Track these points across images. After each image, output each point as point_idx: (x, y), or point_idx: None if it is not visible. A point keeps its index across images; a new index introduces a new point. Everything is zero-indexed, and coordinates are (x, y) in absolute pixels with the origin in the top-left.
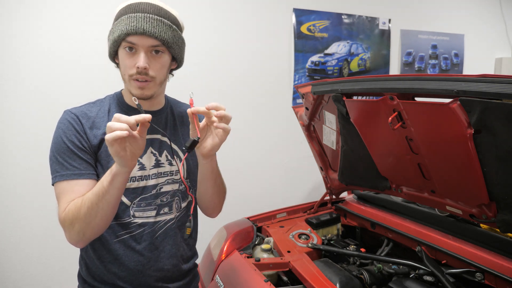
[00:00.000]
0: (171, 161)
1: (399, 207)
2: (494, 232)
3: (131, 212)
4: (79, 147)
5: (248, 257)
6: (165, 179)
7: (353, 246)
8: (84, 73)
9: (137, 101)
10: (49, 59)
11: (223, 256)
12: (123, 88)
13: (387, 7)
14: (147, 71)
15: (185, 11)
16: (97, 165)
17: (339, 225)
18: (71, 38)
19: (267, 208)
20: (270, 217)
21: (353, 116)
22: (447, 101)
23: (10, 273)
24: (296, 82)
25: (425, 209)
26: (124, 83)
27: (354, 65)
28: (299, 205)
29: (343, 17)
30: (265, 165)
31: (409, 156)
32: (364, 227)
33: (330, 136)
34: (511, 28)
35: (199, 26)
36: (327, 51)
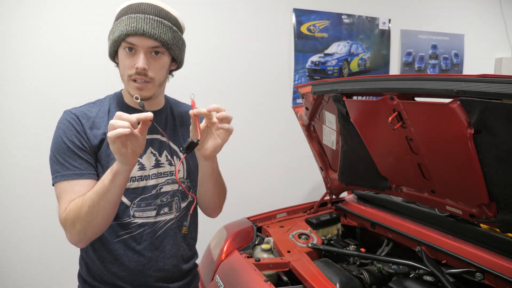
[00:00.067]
0: (171, 161)
1: (399, 207)
2: (494, 232)
3: (131, 212)
4: (79, 147)
5: (248, 257)
6: (165, 179)
7: (353, 246)
8: (84, 73)
9: (139, 100)
10: (49, 59)
11: (223, 256)
12: (123, 88)
13: (387, 7)
14: (146, 72)
15: (185, 11)
16: (97, 165)
17: (339, 225)
18: (71, 38)
19: (267, 208)
20: (270, 217)
21: (353, 116)
22: (447, 101)
23: (10, 273)
24: (296, 82)
25: (425, 209)
26: (123, 83)
27: (354, 65)
28: (299, 205)
29: (343, 17)
30: (265, 165)
31: (409, 156)
32: (364, 227)
33: (330, 136)
34: (511, 28)
35: (199, 26)
36: (327, 51)
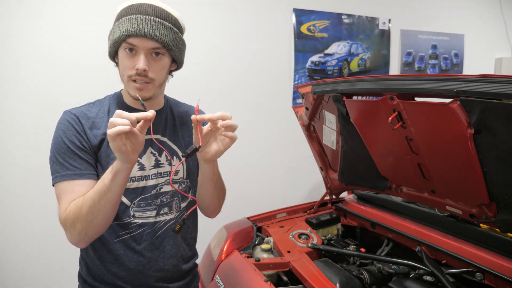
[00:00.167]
0: (170, 162)
1: (399, 207)
2: (494, 232)
3: (131, 212)
4: (79, 147)
5: (248, 257)
6: (165, 179)
7: (353, 246)
8: (84, 73)
9: (140, 99)
10: (49, 59)
11: (223, 256)
12: (122, 88)
13: (387, 7)
14: (147, 73)
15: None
16: (97, 165)
17: (339, 225)
18: (71, 38)
19: (267, 208)
20: (270, 217)
21: (353, 116)
22: (447, 101)
23: (10, 273)
24: (296, 82)
25: (425, 209)
26: (123, 83)
27: (354, 65)
28: (299, 205)
29: (343, 17)
30: (265, 165)
31: (409, 156)
32: (364, 227)
33: (330, 136)
34: (511, 28)
35: (199, 26)
36: (327, 51)
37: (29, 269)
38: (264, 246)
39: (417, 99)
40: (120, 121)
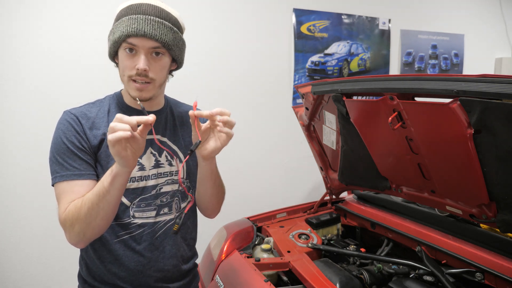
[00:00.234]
0: (170, 162)
1: (399, 207)
2: (494, 232)
3: (131, 212)
4: (79, 148)
5: (248, 257)
6: (164, 179)
7: (353, 246)
8: (84, 73)
9: (141, 103)
10: (49, 59)
11: (223, 256)
12: (122, 88)
13: (387, 7)
14: (147, 73)
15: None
16: (96, 165)
17: (339, 225)
18: (71, 38)
19: (267, 208)
20: (270, 217)
21: (353, 116)
22: (447, 101)
23: (10, 273)
24: (296, 82)
25: (425, 209)
26: (123, 83)
27: (354, 65)
28: (299, 205)
29: (343, 17)
30: (265, 165)
31: (409, 156)
32: (364, 227)
33: (330, 136)
34: (511, 28)
35: (199, 26)
36: (327, 51)
37: (29, 269)
38: (264, 246)
39: (417, 99)
40: (120, 126)
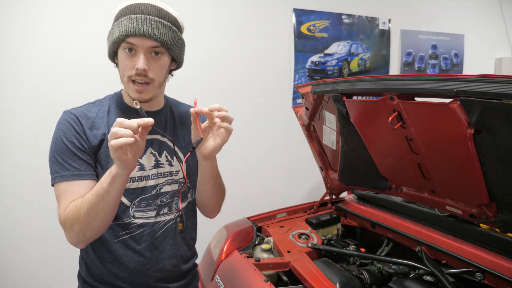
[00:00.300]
0: (171, 162)
1: (399, 207)
2: (494, 232)
3: (131, 212)
4: (79, 148)
5: (248, 257)
6: (164, 179)
7: (353, 246)
8: (84, 73)
9: (138, 105)
10: (49, 59)
11: (223, 256)
12: (122, 88)
13: (387, 7)
14: (147, 73)
15: (185, 11)
16: (96, 165)
17: (339, 225)
18: (71, 38)
19: (267, 208)
20: (270, 217)
21: (353, 116)
22: (447, 101)
23: (10, 273)
24: (296, 82)
25: (425, 209)
26: (123, 84)
27: (354, 65)
28: (299, 205)
29: (343, 17)
30: (265, 165)
31: (409, 156)
32: (364, 227)
33: (330, 136)
34: (511, 28)
35: (199, 26)
36: (327, 51)
37: (29, 269)
38: (264, 246)
39: (417, 99)
40: (122, 131)
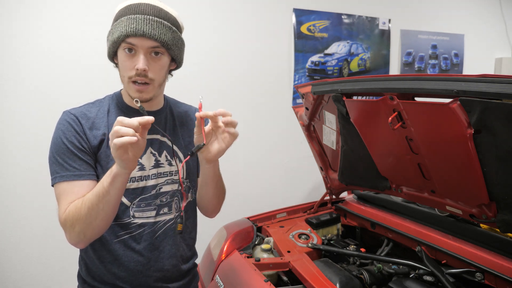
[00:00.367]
0: (170, 161)
1: (399, 207)
2: (494, 232)
3: (131, 212)
4: (78, 148)
5: (248, 257)
6: (164, 179)
7: (353, 246)
8: (84, 73)
9: (139, 103)
10: (49, 59)
11: (223, 256)
12: (122, 88)
13: (387, 7)
14: (146, 73)
15: (185, 11)
16: (96, 165)
17: (339, 225)
18: (71, 38)
19: (267, 208)
20: (270, 217)
21: (353, 116)
22: (447, 101)
23: (10, 273)
24: (296, 82)
25: (425, 209)
26: (123, 84)
27: (354, 65)
28: (299, 205)
29: (343, 17)
30: (265, 165)
31: (409, 156)
32: (364, 227)
33: (330, 136)
34: (511, 28)
35: (199, 26)
36: (327, 51)
37: (29, 269)
38: (264, 246)
39: (417, 99)
40: (124, 130)
